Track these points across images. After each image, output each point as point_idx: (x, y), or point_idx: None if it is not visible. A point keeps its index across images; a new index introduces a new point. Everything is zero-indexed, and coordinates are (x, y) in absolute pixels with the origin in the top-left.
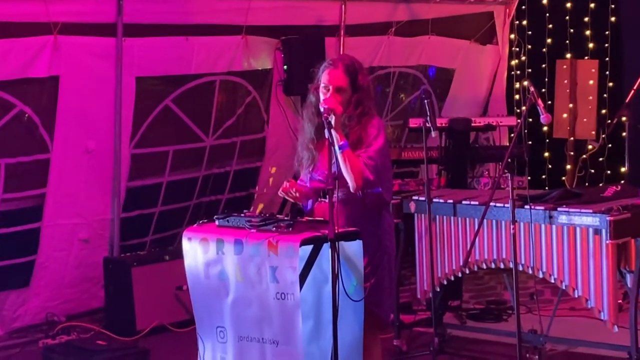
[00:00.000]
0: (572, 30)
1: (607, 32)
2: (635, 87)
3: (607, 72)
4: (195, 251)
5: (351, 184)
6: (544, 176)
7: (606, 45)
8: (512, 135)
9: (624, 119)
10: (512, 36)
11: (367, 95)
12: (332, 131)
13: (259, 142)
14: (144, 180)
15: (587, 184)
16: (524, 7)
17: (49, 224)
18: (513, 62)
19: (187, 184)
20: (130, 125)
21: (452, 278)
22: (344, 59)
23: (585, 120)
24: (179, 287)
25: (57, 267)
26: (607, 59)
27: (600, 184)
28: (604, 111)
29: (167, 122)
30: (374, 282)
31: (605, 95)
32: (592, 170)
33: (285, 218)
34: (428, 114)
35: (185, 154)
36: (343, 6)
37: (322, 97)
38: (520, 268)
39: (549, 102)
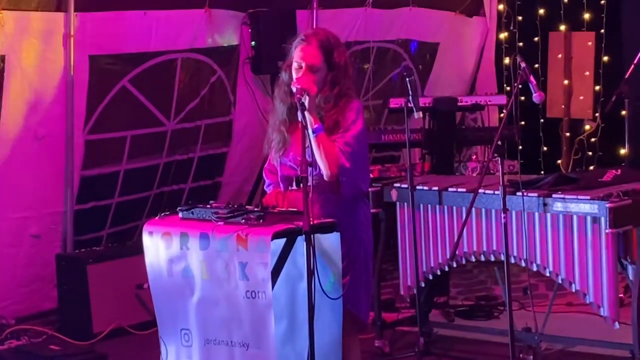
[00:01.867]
0: (566, 0)
1: (602, 1)
2: (635, 62)
3: (603, 45)
4: (157, 246)
5: (325, 171)
6: (538, 159)
7: (602, 15)
8: (502, 115)
9: (623, 96)
10: (501, 7)
11: (344, 73)
12: (306, 113)
13: (226, 125)
14: (100, 168)
15: (585, 167)
16: None
17: None
18: (502, 35)
19: (147, 172)
20: (83, 109)
21: (438, 272)
22: (318, 34)
23: (581, 98)
24: (139, 286)
25: (5, 265)
26: (602, 30)
27: (591, 167)
28: (597, 87)
29: (124, 105)
30: (350, 279)
31: (600, 70)
32: (590, 153)
33: (256, 209)
34: (410, 93)
35: (144, 140)
36: None
37: (294, 75)
38: (512, 260)
39: (542, 79)
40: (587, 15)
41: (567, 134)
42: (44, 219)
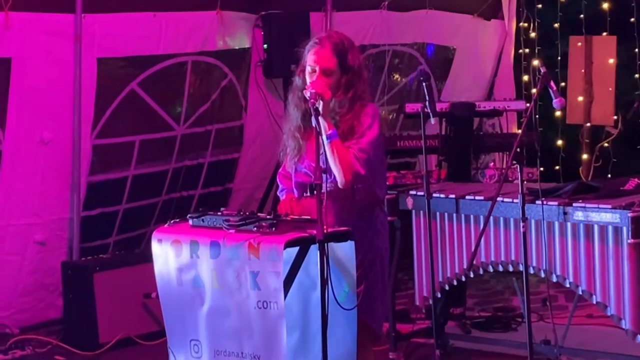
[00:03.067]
0: (587, 3)
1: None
2: None
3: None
4: (166, 254)
5: (339, 178)
6: (557, 167)
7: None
8: (522, 121)
9: None
10: (520, 10)
11: (358, 77)
12: (320, 119)
13: (237, 130)
14: (107, 174)
15: (607, 175)
16: None
17: (0, 224)
18: (521, 39)
19: (156, 178)
20: (91, 112)
21: (455, 282)
22: (332, 37)
23: (602, 104)
24: (147, 295)
25: (9, 273)
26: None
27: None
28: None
29: (133, 109)
30: (364, 288)
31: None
32: (615, 160)
33: (268, 217)
34: (427, 98)
35: (153, 145)
36: None
37: (308, 80)
38: (531, 271)
39: (562, 84)
40: (609, 19)
41: (587, 141)
42: (49, 225)
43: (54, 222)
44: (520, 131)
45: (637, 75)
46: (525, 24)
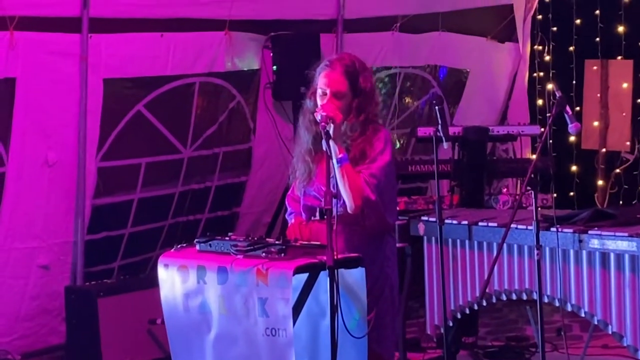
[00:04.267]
0: (602, 26)
1: None
2: None
3: None
4: (173, 280)
5: (349, 203)
6: (571, 193)
7: None
8: (536, 146)
9: None
10: (535, 32)
11: (370, 100)
12: (331, 142)
13: (245, 153)
14: (112, 197)
15: (621, 202)
16: None
17: (2, 247)
18: (536, 62)
19: (162, 201)
20: (96, 134)
21: (467, 311)
22: (343, 59)
23: (618, 129)
24: (152, 321)
25: (11, 298)
26: None
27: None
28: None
29: (139, 131)
30: (374, 316)
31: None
32: (627, 187)
33: (277, 242)
34: (439, 121)
35: (159, 167)
36: None
37: (319, 103)
38: (546, 300)
39: (577, 109)
40: (625, 43)
41: (603, 167)
42: (53, 249)
43: (57, 246)
44: (534, 156)
45: None
46: (540, 47)
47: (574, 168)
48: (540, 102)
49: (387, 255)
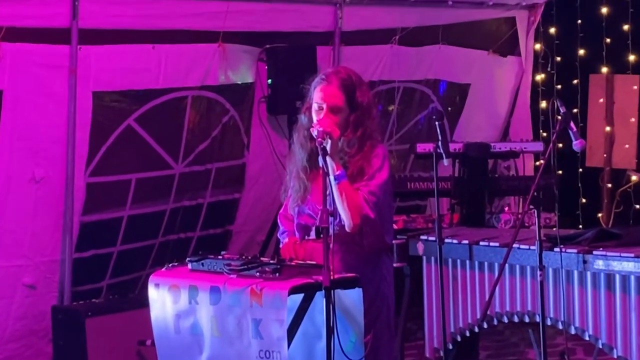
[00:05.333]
0: (608, 40)
1: None
2: None
3: None
4: (164, 300)
5: (347, 222)
6: (576, 212)
7: None
8: (539, 163)
9: None
10: (538, 46)
11: (367, 114)
12: (328, 159)
13: (238, 169)
14: (101, 214)
15: (628, 222)
16: (552, 12)
17: None
18: (539, 77)
19: (152, 218)
20: (85, 149)
21: (467, 333)
22: (340, 73)
23: (625, 146)
24: (142, 342)
25: None
26: None
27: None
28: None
29: (130, 146)
30: (371, 338)
31: None
32: (637, 206)
33: (271, 261)
34: (439, 137)
35: (150, 183)
36: (338, 10)
37: (315, 118)
38: (549, 322)
39: (581, 125)
40: (632, 57)
41: (609, 185)
42: (39, 267)
43: (44, 264)
44: (537, 174)
45: None
46: (544, 61)
47: (578, 186)
48: (543, 118)
49: (384, 275)
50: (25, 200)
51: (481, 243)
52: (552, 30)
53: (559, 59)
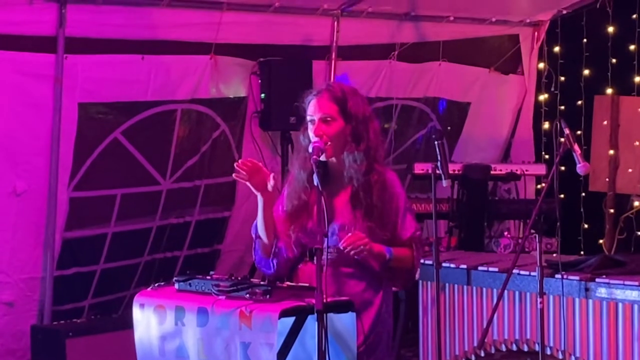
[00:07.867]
0: (614, 60)
1: None
2: None
3: None
4: (149, 321)
5: (400, 286)
6: (578, 238)
7: None
8: (541, 186)
9: None
10: (541, 65)
11: (366, 126)
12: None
13: (228, 186)
14: (85, 230)
15: (631, 249)
16: (557, 30)
17: None
18: (542, 97)
19: (138, 236)
20: (69, 162)
21: None
22: (331, 86)
23: (630, 170)
24: None
25: None
26: None
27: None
28: None
29: (115, 160)
30: None
31: None
32: (639, 233)
33: (262, 283)
34: (438, 157)
35: (136, 199)
36: (335, 23)
37: (311, 135)
38: (548, 351)
39: (585, 147)
40: (637, 79)
41: (612, 211)
42: (18, 284)
43: (23, 282)
44: (540, 197)
45: None
46: (547, 81)
47: (580, 211)
48: (545, 139)
49: (384, 299)
50: (5, 213)
51: (480, 268)
52: (557, 49)
53: (563, 78)
